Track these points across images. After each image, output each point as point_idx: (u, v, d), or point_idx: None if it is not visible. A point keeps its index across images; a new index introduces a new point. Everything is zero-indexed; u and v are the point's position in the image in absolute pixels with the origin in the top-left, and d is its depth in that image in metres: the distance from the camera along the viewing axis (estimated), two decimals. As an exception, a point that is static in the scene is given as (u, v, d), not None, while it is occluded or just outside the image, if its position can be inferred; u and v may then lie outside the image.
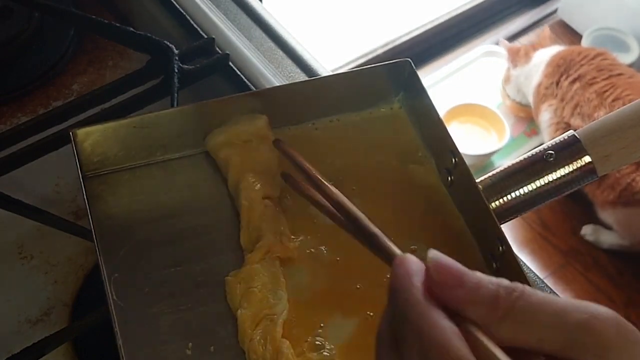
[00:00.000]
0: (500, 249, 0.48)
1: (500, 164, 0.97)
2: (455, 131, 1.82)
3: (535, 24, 2.15)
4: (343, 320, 0.48)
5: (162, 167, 0.54)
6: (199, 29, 0.71)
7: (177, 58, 0.65)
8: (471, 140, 1.82)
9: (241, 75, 0.67)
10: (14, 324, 0.58)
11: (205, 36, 0.70)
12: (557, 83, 1.69)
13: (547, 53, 1.76)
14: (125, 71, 0.74)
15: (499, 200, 0.51)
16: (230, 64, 0.68)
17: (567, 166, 0.51)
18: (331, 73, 0.66)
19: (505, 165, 0.52)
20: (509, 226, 1.67)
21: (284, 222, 0.52)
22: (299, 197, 0.50)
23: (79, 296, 0.60)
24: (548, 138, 1.71)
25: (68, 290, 0.60)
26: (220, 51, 0.68)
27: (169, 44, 0.66)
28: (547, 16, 2.19)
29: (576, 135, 0.51)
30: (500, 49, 1.97)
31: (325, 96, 0.57)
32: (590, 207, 1.68)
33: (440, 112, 0.63)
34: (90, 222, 0.48)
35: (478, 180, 0.52)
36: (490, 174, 0.52)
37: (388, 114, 0.59)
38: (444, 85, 1.97)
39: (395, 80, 0.58)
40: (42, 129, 0.62)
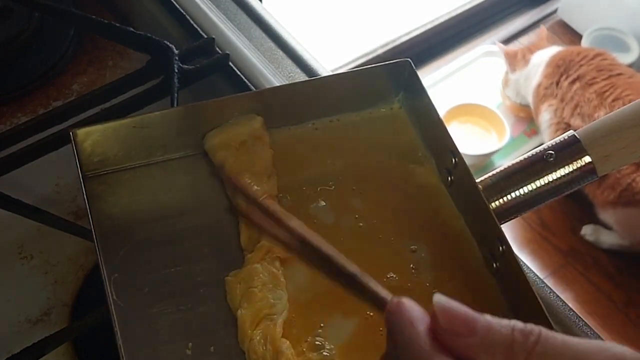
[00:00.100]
0: (500, 249, 0.48)
1: (500, 164, 0.97)
2: (455, 131, 1.82)
3: (535, 24, 2.15)
4: (343, 320, 0.48)
5: (162, 167, 0.54)
6: (199, 29, 0.71)
7: (177, 58, 0.65)
8: (471, 140, 1.82)
9: (241, 75, 0.67)
10: (14, 324, 0.58)
11: (205, 36, 0.70)
12: (557, 83, 1.69)
13: (547, 53, 1.76)
14: (125, 71, 0.74)
15: (499, 200, 0.51)
16: (230, 64, 0.68)
17: (567, 166, 0.51)
18: (331, 73, 0.66)
19: (505, 165, 0.52)
20: (509, 226, 1.66)
21: (284, 222, 0.51)
22: (299, 197, 0.50)
23: (79, 296, 0.60)
24: (548, 138, 1.71)
25: (68, 290, 0.60)
26: (220, 51, 0.68)
27: (169, 44, 0.66)
28: (547, 16, 2.19)
29: (576, 135, 0.51)
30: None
31: (325, 96, 0.57)
32: (590, 207, 1.67)
33: (440, 112, 0.63)
34: (90, 222, 0.48)
35: (478, 180, 0.52)
36: (490, 174, 0.52)
37: (388, 114, 0.59)
38: (444, 85, 1.97)
39: (395, 80, 0.58)
40: (42, 129, 0.62)
